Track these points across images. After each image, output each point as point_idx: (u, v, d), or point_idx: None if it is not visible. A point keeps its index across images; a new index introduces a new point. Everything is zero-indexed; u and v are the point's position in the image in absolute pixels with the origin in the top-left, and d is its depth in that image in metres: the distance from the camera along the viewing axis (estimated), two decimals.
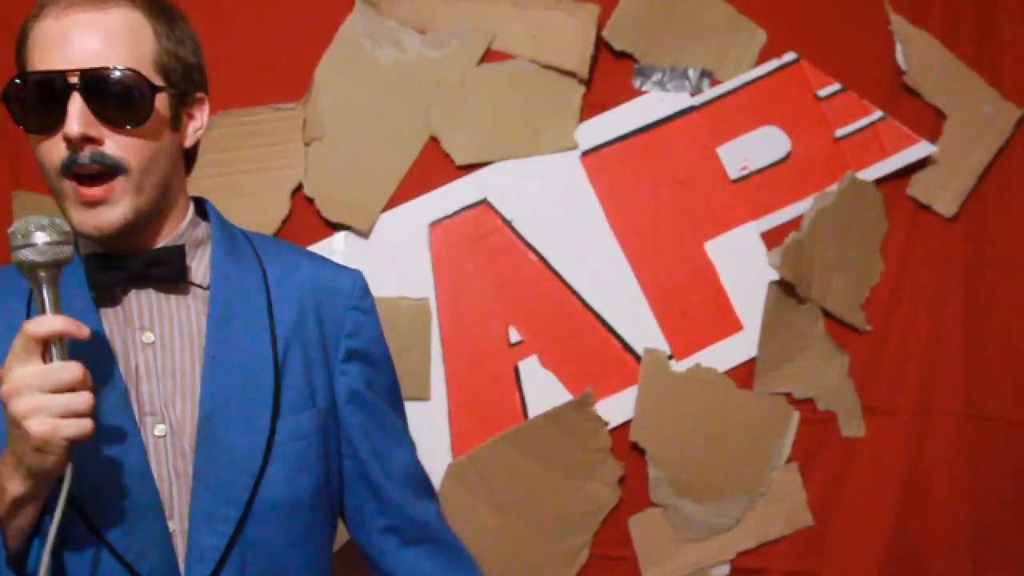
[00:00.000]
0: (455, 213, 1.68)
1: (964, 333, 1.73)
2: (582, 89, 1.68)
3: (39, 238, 0.83)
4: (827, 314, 1.73)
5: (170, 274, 0.97)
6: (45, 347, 0.83)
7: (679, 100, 1.71)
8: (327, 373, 1.06)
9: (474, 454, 1.65)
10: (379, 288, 1.65)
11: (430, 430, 1.64)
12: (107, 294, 0.97)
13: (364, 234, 1.66)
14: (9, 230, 0.84)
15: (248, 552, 0.97)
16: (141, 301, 0.98)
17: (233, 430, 0.97)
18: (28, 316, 0.95)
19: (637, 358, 1.69)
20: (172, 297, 0.99)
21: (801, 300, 1.71)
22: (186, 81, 0.99)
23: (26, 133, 0.92)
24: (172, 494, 0.95)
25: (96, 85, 0.89)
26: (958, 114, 1.73)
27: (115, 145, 0.91)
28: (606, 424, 1.68)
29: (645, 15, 1.68)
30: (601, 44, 1.69)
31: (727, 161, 1.72)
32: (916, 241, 1.74)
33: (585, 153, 1.70)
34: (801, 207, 1.72)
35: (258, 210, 1.59)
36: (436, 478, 1.64)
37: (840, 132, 1.73)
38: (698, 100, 1.72)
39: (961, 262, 1.74)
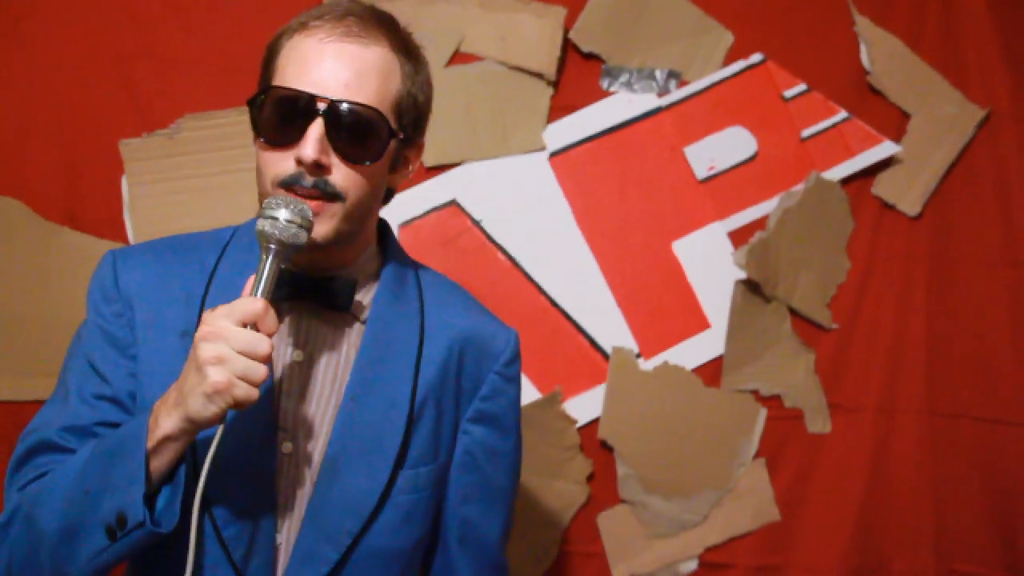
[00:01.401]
0: (424, 214, 1.69)
1: (928, 331, 1.76)
2: (550, 90, 1.69)
3: (282, 214, 0.88)
4: (794, 312, 1.75)
5: (336, 305, 0.99)
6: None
7: (646, 101, 1.73)
8: (453, 429, 1.07)
9: None
10: None
11: None
12: (272, 304, 0.97)
13: None
14: (264, 201, 0.91)
15: None
16: (299, 319, 1.00)
17: (354, 474, 0.98)
18: (212, 276, 1.00)
19: (605, 356, 1.71)
20: (328, 324, 1.01)
21: (768, 299, 1.73)
22: (414, 126, 1.02)
23: (258, 140, 0.96)
24: (286, 511, 0.97)
25: (340, 116, 0.92)
26: (922, 114, 1.75)
27: (339, 176, 0.94)
28: (575, 422, 1.70)
29: (612, 17, 1.70)
30: (569, 46, 1.70)
31: (694, 161, 1.74)
32: (881, 240, 1.77)
33: (553, 154, 1.71)
34: (767, 207, 1.74)
35: (226, 212, 1.60)
36: None
37: (806, 132, 1.75)
38: (665, 101, 1.73)
39: (925, 261, 1.76)
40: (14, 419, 1.53)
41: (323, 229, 0.94)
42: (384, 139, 0.96)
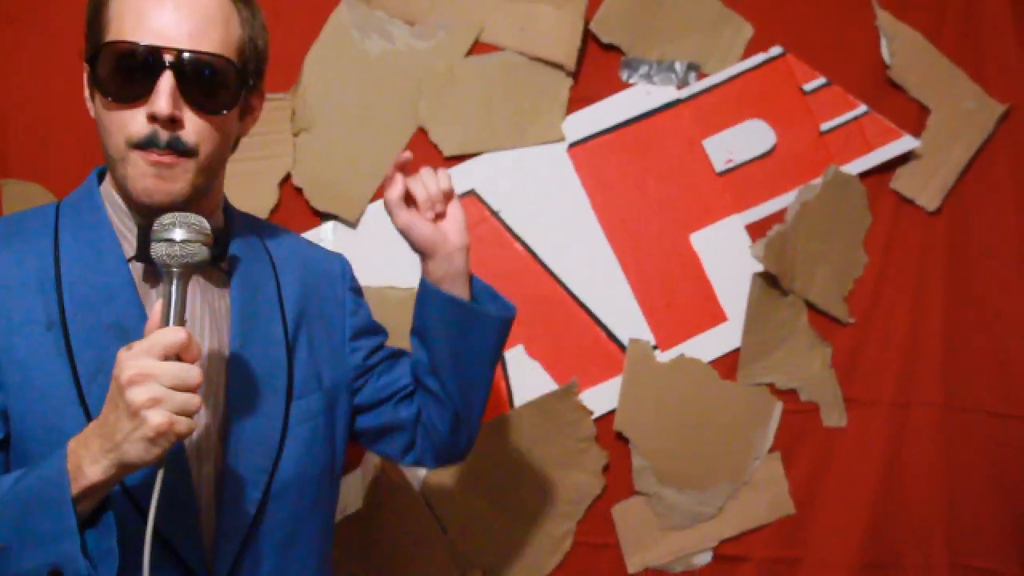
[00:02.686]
0: None
1: (944, 325, 1.75)
2: (569, 81, 1.69)
3: (177, 235, 0.85)
4: (810, 306, 1.75)
5: (216, 257, 0.97)
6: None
7: (666, 93, 1.73)
8: (332, 353, 1.11)
9: None
10: (367, 278, 1.66)
11: None
12: (148, 270, 0.97)
13: (352, 224, 1.67)
14: (156, 220, 0.86)
15: (267, 527, 1.00)
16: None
17: (255, 416, 0.99)
18: (57, 258, 0.95)
19: (622, 348, 1.71)
20: (199, 279, 1.00)
21: (785, 292, 1.73)
22: (256, 72, 1.02)
23: (102, 98, 0.92)
24: (197, 469, 0.96)
25: (190, 68, 0.90)
26: (941, 109, 1.75)
27: (192, 130, 0.92)
28: (591, 413, 1.70)
29: (632, 8, 1.69)
30: (589, 37, 1.70)
31: (713, 154, 1.73)
32: (899, 234, 1.76)
33: (572, 145, 1.71)
34: (786, 200, 1.74)
35: (247, 200, 1.57)
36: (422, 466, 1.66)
37: (825, 126, 1.74)
38: (684, 93, 1.73)
39: (943, 255, 1.76)
40: None
41: (177, 186, 0.92)
42: (235, 87, 0.95)
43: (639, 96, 1.72)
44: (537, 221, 1.70)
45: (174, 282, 0.85)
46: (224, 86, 0.93)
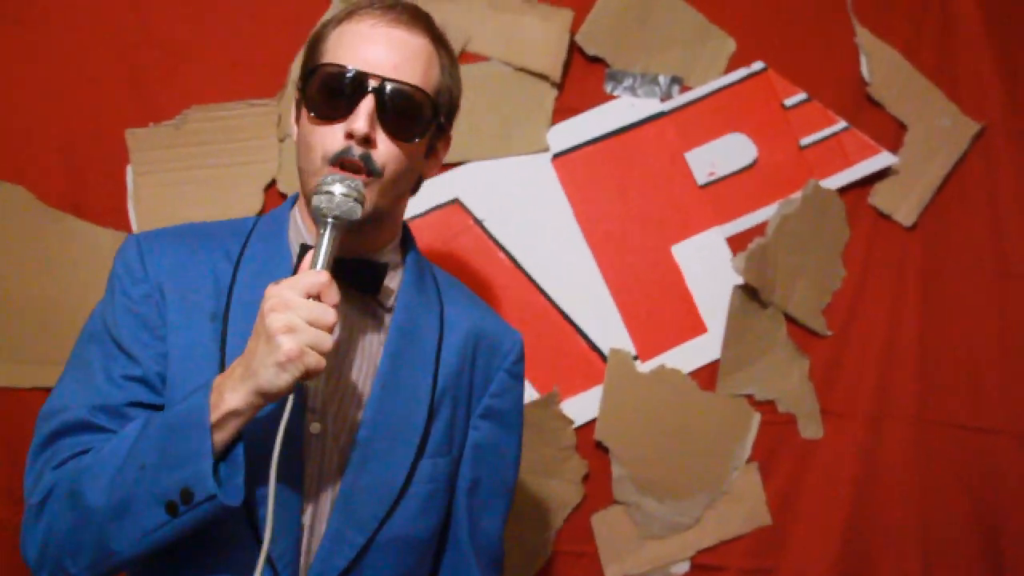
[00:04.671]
0: (426, 212, 1.70)
1: (920, 339, 1.78)
2: (554, 92, 1.70)
3: (337, 189, 0.93)
4: (789, 319, 1.77)
5: (366, 288, 1.03)
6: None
7: (649, 106, 1.75)
8: (465, 423, 1.11)
9: None
10: None
11: None
12: None
13: None
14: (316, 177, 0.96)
15: (364, 574, 1.00)
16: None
17: (382, 461, 1.01)
18: (239, 263, 1.03)
19: (603, 358, 1.72)
20: (357, 308, 1.04)
21: (764, 304, 1.75)
22: (448, 117, 1.09)
23: (308, 115, 1.00)
24: (311, 492, 0.98)
25: (389, 94, 0.98)
26: (918, 126, 1.78)
27: (383, 151, 0.99)
28: (571, 423, 1.71)
29: (618, 21, 1.71)
30: (574, 49, 1.71)
31: (695, 166, 1.75)
32: (876, 249, 1.79)
33: (556, 156, 1.72)
34: (766, 213, 1.76)
35: (231, 205, 1.60)
36: None
37: (805, 141, 1.77)
38: (668, 106, 1.75)
39: (919, 270, 1.79)
40: (13, 406, 1.53)
41: (366, 203, 0.98)
42: (427, 120, 1.01)
43: (623, 108, 1.74)
44: (520, 230, 1.71)
45: (327, 230, 0.92)
46: (417, 117, 1.01)
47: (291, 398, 0.88)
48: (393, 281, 1.08)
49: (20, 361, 1.54)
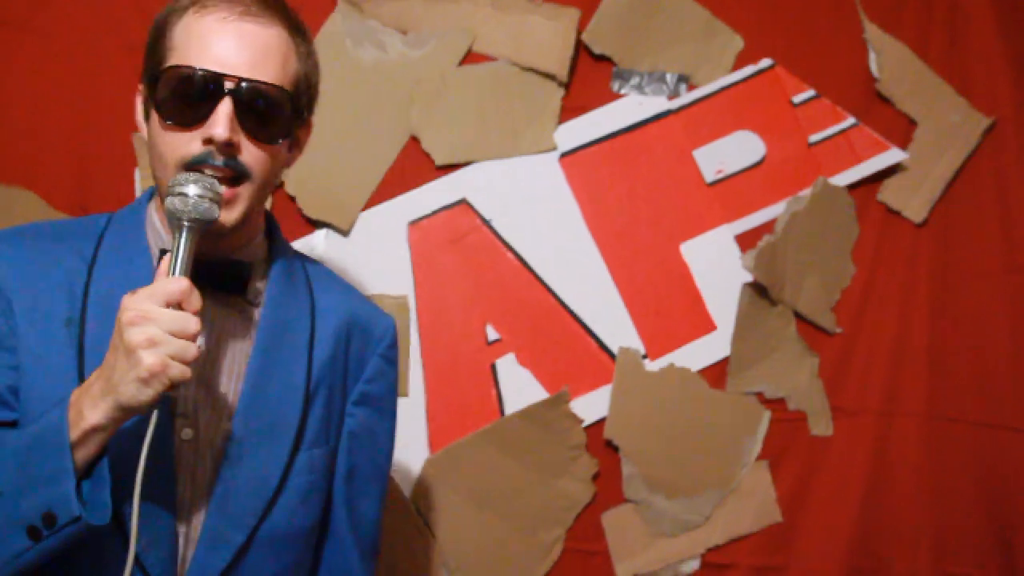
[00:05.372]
0: (434, 212, 1.70)
1: (930, 336, 1.78)
2: (561, 91, 1.70)
3: (191, 190, 0.88)
4: (799, 316, 1.76)
5: (232, 288, 0.99)
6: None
7: (657, 104, 1.74)
8: (341, 412, 1.09)
9: (451, 449, 1.68)
10: (359, 286, 1.67)
11: (408, 426, 1.66)
12: None
13: (344, 232, 1.67)
14: (173, 178, 0.90)
15: (244, 574, 0.98)
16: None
17: (256, 457, 0.98)
18: (93, 264, 0.98)
19: (612, 357, 1.72)
20: (224, 308, 1.01)
21: (774, 302, 1.74)
22: (308, 106, 1.04)
23: (159, 120, 0.94)
24: (185, 497, 0.96)
25: (248, 95, 0.93)
26: (928, 122, 1.77)
27: (248, 155, 0.94)
28: (581, 421, 1.71)
29: (624, 20, 1.71)
30: (580, 48, 1.71)
31: (703, 164, 1.75)
32: (886, 246, 1.78)
33: (563, 155, 1.72)
34: (775, 211, 1.75)
35: None
36: (413, 473, 1.67)
37: (814, 138, 1.76)
38: (675, 104, 1.74)
39: (928, 267, 1.78)
40: None
41: (233, 215, 0.95)
42: (290, 118, 0.97)
43: (630, 107, 1.74)
44: (528, 230, 1.71)
45: (183, 234, 0.88)
46: (280, 116, 0.96)
47: (155, 412, 0.85)
48: (260, 278, 1.04)
49: None
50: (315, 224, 1.67)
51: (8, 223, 1.52)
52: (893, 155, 1.76)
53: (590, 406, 1.71)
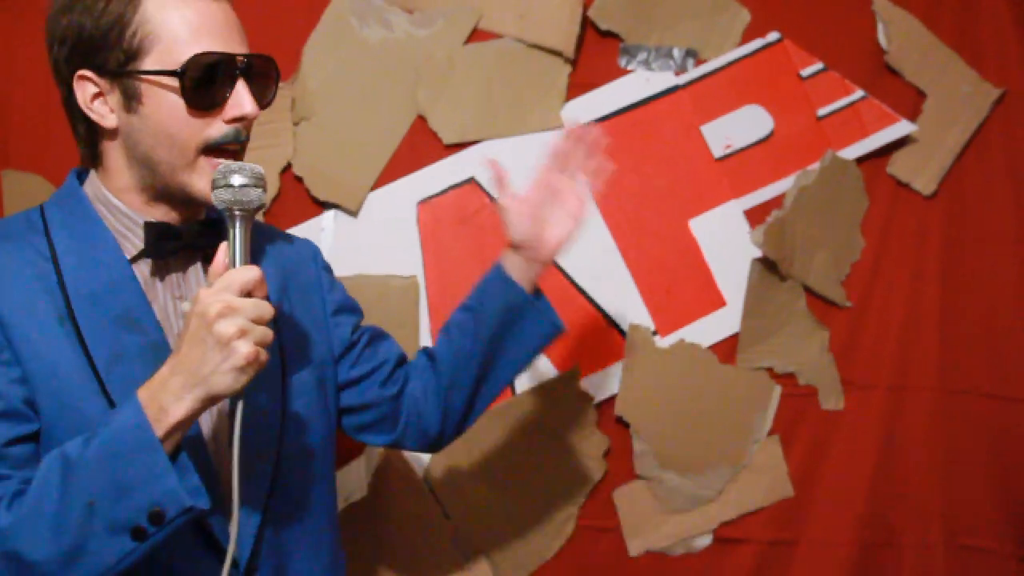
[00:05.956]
0: (443, 192, 1.69)
1: (941, 308, 1.77)
2: (568, 68, 1.69)
3: (236, 180, 0.91)
4: (808, 290, 1.76)
5: (208, 245, 1.02)
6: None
7: (664, 79, 1.73)
8: (316, 329, 1.15)
9: None
10: (368, 266, 1.68)
11: None
12: (158, 265, 1.02)
13: (353, 213, 1.67)
14: (216, 170, 0.93)
15: (280, 498, 1.05)
16: (178, 269, 1.04)
17: (257, 393, 1.02)
18: (55, 256, 0.98)
19: (622, 334, 1.72)
20: (195, 268, 1.05)
21: (783, 277, 1.74)
22: None
23: (189, 109, 0.96)
24: (213, 448, 1.01)
25: (254, 71, 0.99)
26: (938, 94, 1.76)
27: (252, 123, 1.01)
28: (592, 399, 1.71)
29: None
30: (587, 24, 1.70)
31: (711, 140, 1.74)
32: (895, 218, 1.77)
33: None
34: (783, 185, 1.74)
35: None
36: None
37: (822, 111, 1.75)
38: (683, 79, 1.74)
39: (939, 239, 1.77)
40: None
41: None
42: (276, 80, 1.04)
43: (637, 82, 1.73)
44: None
45: (238, 224, 0.91)
46: (274, 81, 1.04)
47: (241, 401, 0.89)
48: None
49: None
50: (323, 205, 1.67)
51: (21, 208, 1.54)
52: (902, 127, 1.75)
53: (601, 383, 1.72)
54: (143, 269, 1.01)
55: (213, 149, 0.97)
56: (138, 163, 0.99)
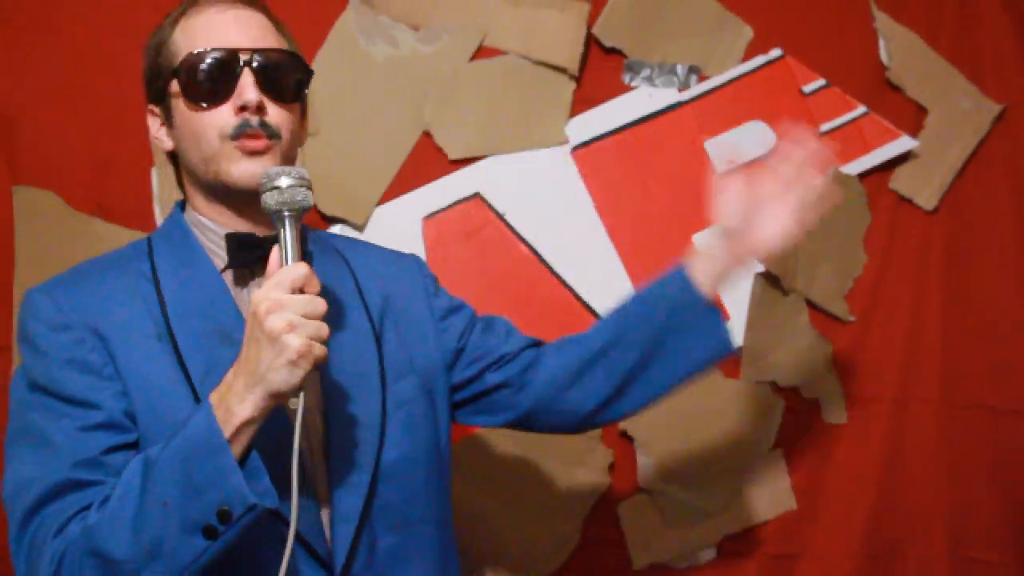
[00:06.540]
0: (448, 207, 1.71)
1: (943, 323, 1.78)
2: (572, 85, 1.71)
3: (283, 181, 0.94)
4: (811, 305, 1.77)
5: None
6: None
7: (667, 95, 1.75)
8: (423, 337, 1.17)
9: (468, 441, 1.69)
10: None
11: None
12: (239, 275, 1.06)
13: (359, 227, 1.69)
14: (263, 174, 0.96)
15: (379, 509, 1.05)
16: (259, 280, 1.05)
17: (355, 405, 1.05)
18: (156, 278, 1.04)
19: None
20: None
21: (786, 291, 1.75)
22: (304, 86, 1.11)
23: (189, 105, 1.03)
24: (312, 459, 1.02)
25: (263, 62, 1.02)
26: (939, 110, 1.78)
27: (273, 116, 1.03)
28: None
29: (634, 12, 1.71)
30: (591, 41, 1.72)
31: (714, 155, 1.76)
32: (898, 233, 1.79)
33: (576, 148, 1.73)
34: None
35: None
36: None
37: (824, 127, 1.77)
38: (686, 95, 1.75)
39: (941, 254, 1.79)
40: None
41: (274, 164, 1.02)
42: (301, 77, 1.07)
43: (641, 99, 1.75)
44: (541, 223, 1.72)
45: (287, 224, 0.94)
46: (292, 75, 1.06)
47: (303, 395, 0.90)
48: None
49: None
50: (330, 220, 1.69)
51: (31, 223, 1.57)
52: (904, 143, 1.76)
53: None
54: (230, 280, 1.06)
55: (235, 136, 1.01)
56: (190, 173, 1.07)
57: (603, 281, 1.73)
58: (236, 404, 0.88)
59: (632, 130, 1.74)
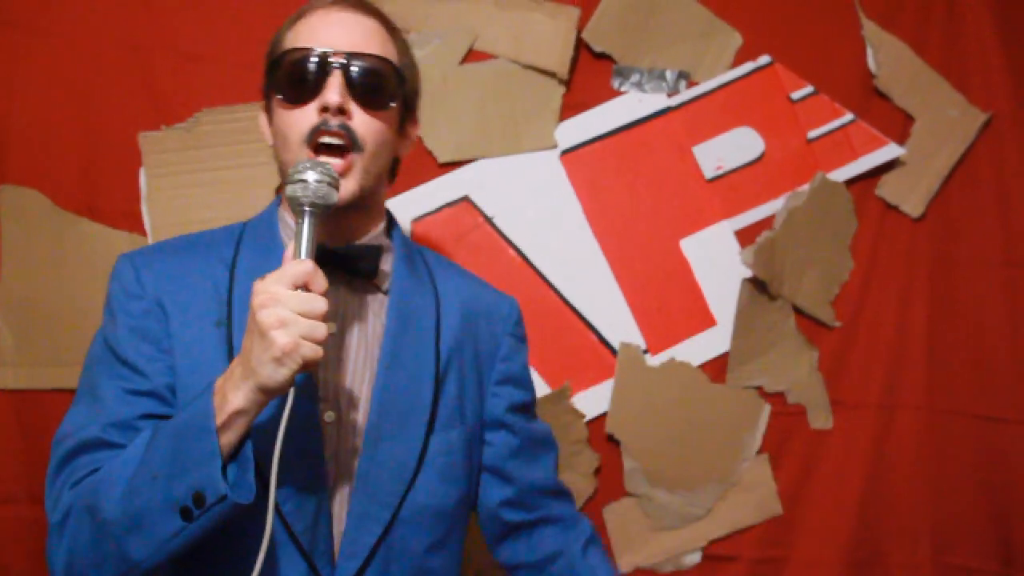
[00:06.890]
0: (437, 210, 1.71)
1: (929, 329, 1.79)
2: (562, 89, 1.71)
3: (310, 176, 0.93)
4: (798, 310, 1.78)
5: (364, 271, 1.04)
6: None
7: (656, 101, 1.76)
8: (478, 392, 1.13)
9: None
10: None
11: None
12: None
13: None
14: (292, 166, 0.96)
15: (392, 551, 1.03)
16: (327, 293, 1.01)
17: (393, 439, 1.03)
18: (234, 267, 1.05)
19: (613, 352, 1.73)
20: (355, 294, 1.06)
21: (773, 297, 1.76)
22: (411, 99, 1.11)
23: (279, 102, 1.03)
24: (333, 477, 1.01)
25: (355, 67, 1.01)
26: (926, 118, 1.79)
27: (359, 122, 1.02)
28: (583, 416, 1.72)
29: (624, 18, 1.72)
30: (581, 45, 1.72)
31: (703, 161, 1.76)
32: (884, 240, 1.80)
33: (564, 152, 1.74)
34: (774, 206, 1.77)
35: (244, 206, 1.60)
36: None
37: (812, 134, 1.78)
38: (675, 101, 1.76)
39: (927, 261, 1.80)
40: (31, 407, 1.55)
41: (349, 186, 1.00)
42: (395, 88, 1.04)
43: (630, 104, 1.75)
44: (530, 227, 1.73)
45: (305, 219, 0.92)
46: (385, 85, 1.04)
47: (292, 391, 0.89)
48: (386, 264, 1.10)
49: (37, 363, 1.56)
50: None
51: (18, 222, 1.56)
52: (891, 150, 1.77)
53: (592, 401, 1.73)
54: None
55: (315, 144, 1.00)
56: (280, 170, 1.06)
57: (591, 285, 1.73)
58: (231, 392, 0.88)
59: (621, 135, 1.75)
